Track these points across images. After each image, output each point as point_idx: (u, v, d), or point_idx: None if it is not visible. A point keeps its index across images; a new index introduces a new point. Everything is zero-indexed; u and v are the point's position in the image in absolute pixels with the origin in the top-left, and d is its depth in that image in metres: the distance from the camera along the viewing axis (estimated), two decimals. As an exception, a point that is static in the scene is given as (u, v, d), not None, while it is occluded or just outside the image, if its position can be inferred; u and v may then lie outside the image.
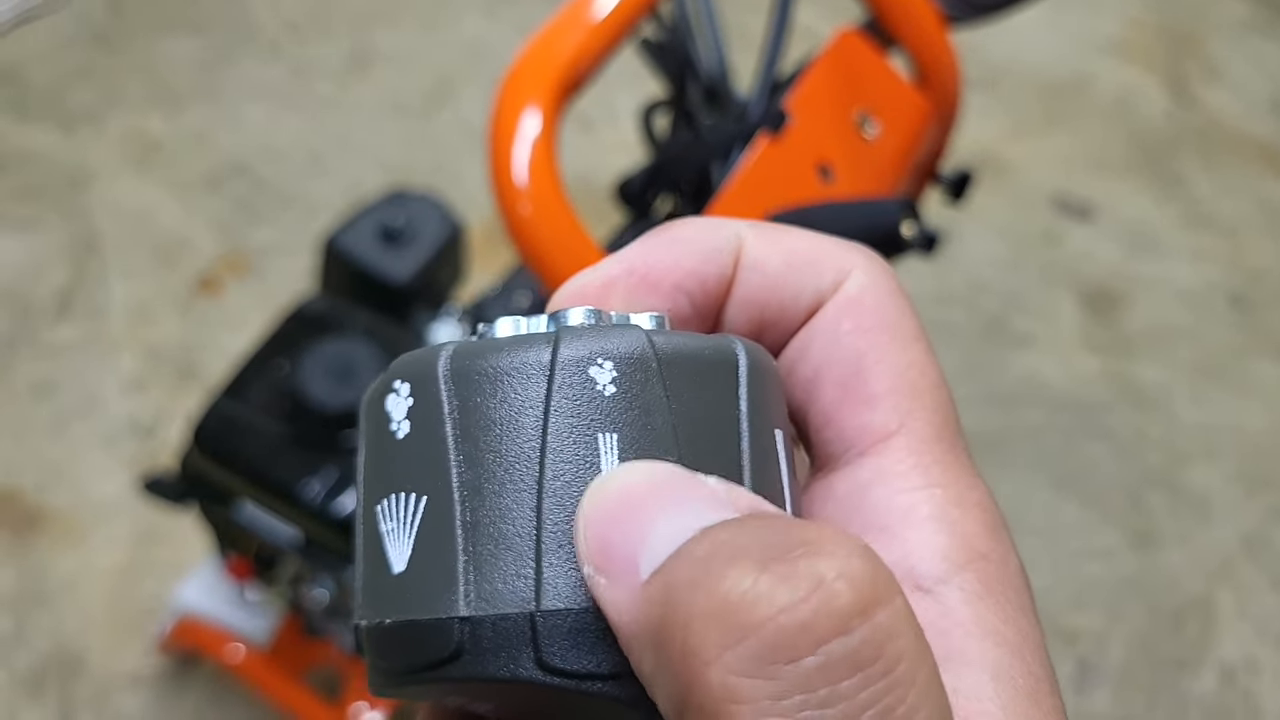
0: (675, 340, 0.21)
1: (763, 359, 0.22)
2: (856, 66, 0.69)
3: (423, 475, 0.21)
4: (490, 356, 0.20)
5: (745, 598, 0.16)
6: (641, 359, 0.20)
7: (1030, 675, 0.20)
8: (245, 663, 1.09)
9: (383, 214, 1.05)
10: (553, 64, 0.52)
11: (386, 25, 2.02)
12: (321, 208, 1.67)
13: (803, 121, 0.63)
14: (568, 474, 0.20)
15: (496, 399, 0.20)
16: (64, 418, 1.43)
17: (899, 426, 0.23)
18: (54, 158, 1.71)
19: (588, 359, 0.20)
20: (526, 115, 0.51)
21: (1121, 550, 1.55)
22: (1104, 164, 1.99)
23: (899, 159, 0.69)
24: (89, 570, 1.31)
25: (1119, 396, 1.71)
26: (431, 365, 0.21)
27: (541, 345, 0.20)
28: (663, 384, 0.20)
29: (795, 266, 0.23)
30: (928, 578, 0.21)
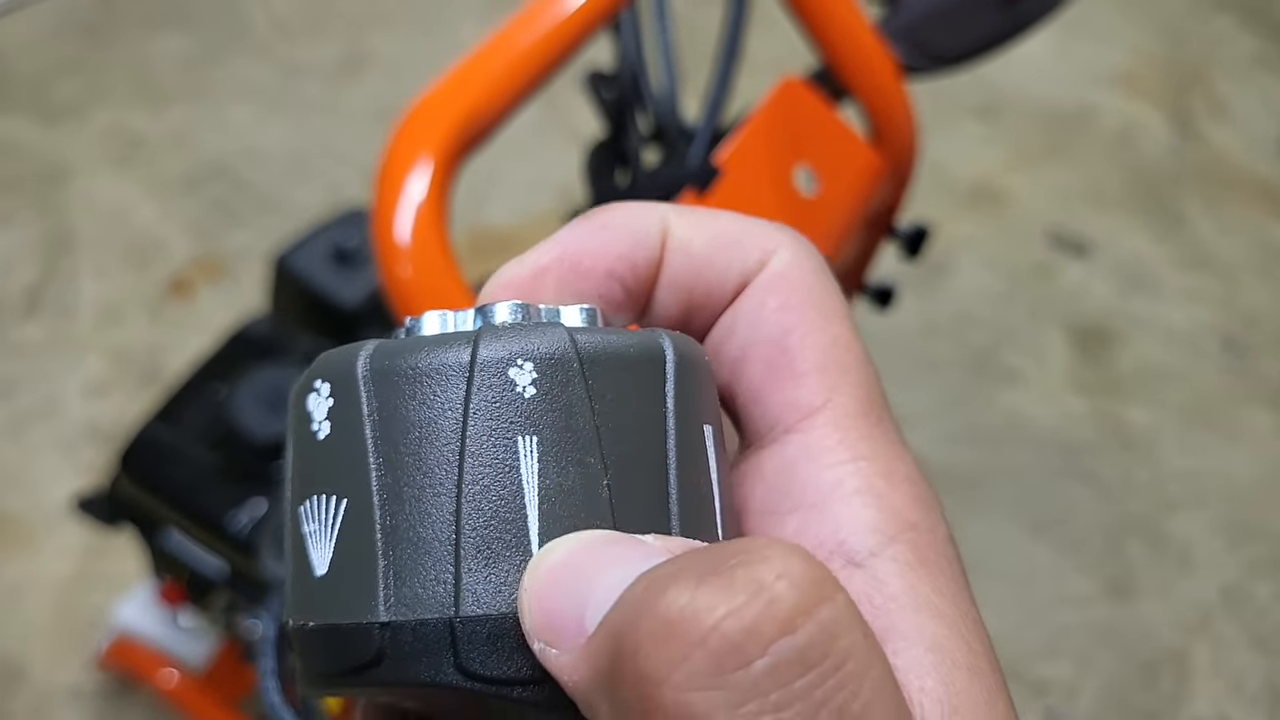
0: (600, 338, 0.21)
1: (691, 352, 0.22)
2: (800, 118, 0.65)
3: (343, 477, 0.20)
4: (410, 357, 0.20)
5: (685, 613, 0.16)
6: (562, 359, 0.20)
7: (968, 650, 0.20)
8: (178, 688, 1.07)
9: (336, 233, 1.03)
10: (449, 114, 0.49)
11: (381, 29, 2.00)
12: (301, 214, 1.64)
13: (735, 177, 0.60)
14: (486, 478, 0.19)
15: (416, 401, 0.20)
16: (23, 419, 1.41)
17: (824, 402, 0.23)
18: (32, 150, 1.69)
19: (507, 360, 0.20)
20: (416, 170, 0.48)
21: (1097, 598, 1.51)
22: (1103, 198, 1.95)
23: (842, 217, 0.65)
24: (37, 578, 1.29)
25: (1105, 438, 1.67)
26: (351, 365, 0.20)
27: (461, 345, 0.20)
28: (585, 384, 0.20)
29: (720, 247, 0.23)
30: (859, 551, 0.21)
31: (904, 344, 1.71)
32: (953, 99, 1.91)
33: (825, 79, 0.69)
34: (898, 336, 1.71)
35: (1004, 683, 0.20)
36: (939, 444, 1.61)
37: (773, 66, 0.80)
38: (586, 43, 0.59)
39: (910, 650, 0.20)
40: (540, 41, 0.53)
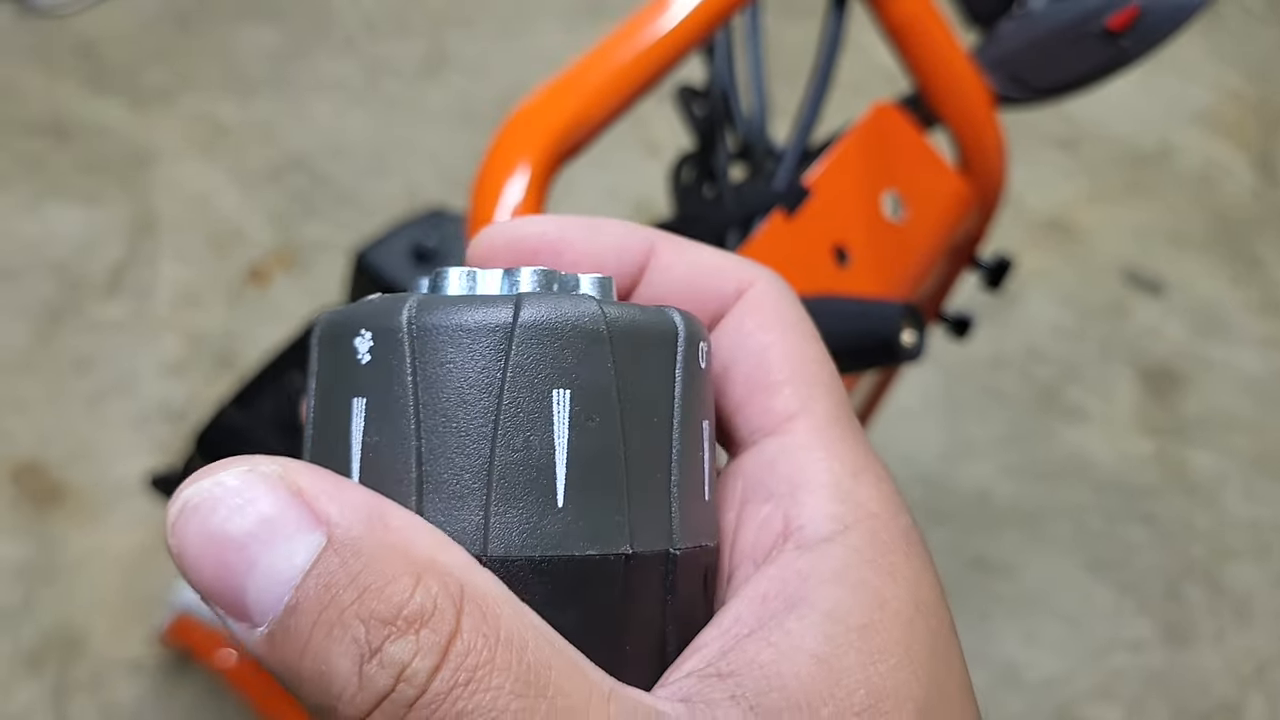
0: (624, 312, 0.22)
1: (697, 332, 0.24)
2: (891, 143, 0.65)
3: (388, 413, 0.22)
4: (456, 313, 0.21)
5: (353, 702, 0.19)
6: (596, 330, 0.22)
7: (874, 611, 0.22)
8: (235, 669, 1.08)
9: (416, 232, 1.04)
10: (548, 123, 0.50)
11: (464, 29, 2.02)
12: (378, 208, 1.67)
13: (823, 200, 0.60)
14: (522, 426, 0.21)
15: (460, 352, 0.21)
16: (100, 394, 1.45)
17: (800, 408, 0.25)
18: (121, 134, 1.73)
19: (546, 324, 0.21)
20: (514, 177, 0.49)
21: (1152, 643, 1.49)
22: (1181, 238, 1.92)
23: (927, 245, 0.65)
24: (103, 551, 1.32)
25: (1168, 482, 1.64)
26: (395, 316, 0.22)
27: (504, 306, 0.21)
28: (611, 352, 0.22)
29: (702, 273, 0.26)
30: (812, 538, 0.23)
31: (971, 375, 1.69)
32: (1033, 129, 1.89)
33: (917, 105, 0.69)
34: (965, 367, 1.69)
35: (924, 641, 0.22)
36: (1001, 477, 1.60)
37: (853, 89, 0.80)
38: (682, 61, 0.59)
39: (810, 615, 0.22)
40: (638, 58, 0.53)
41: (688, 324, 0.23)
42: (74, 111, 1.74)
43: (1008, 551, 1.54)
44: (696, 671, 0.22)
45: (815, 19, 0.71)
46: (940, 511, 1.56)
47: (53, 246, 1.58)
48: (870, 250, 0.61)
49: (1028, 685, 1.43)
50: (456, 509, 0.21)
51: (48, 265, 1.55)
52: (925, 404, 1.64)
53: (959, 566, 1.51)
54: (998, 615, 1.48)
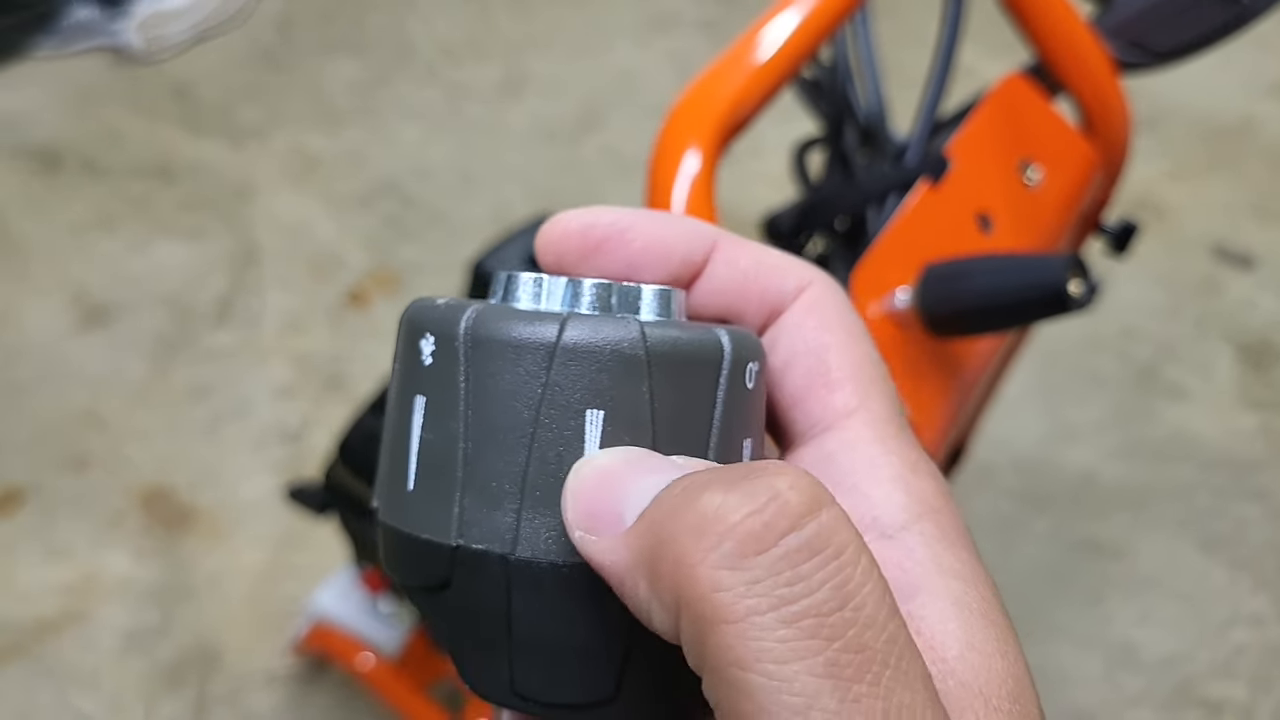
0: (667, 334, 0.23)
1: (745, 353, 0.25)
2: (1021, 112, 0.67)
3: (440, 414, 0.24)
4: (505, 327, 0.23)
5: (719, 511, 0.19)
6: (632, 355, 0.23)
7: (983, 600, 0.23)
8: (374, 672, 1.12)
9: (529, 239, 1.07)
10: (716, 105, 0.52)
11: (539, 51, 2.06)
12: (468, 228, 1.71)
13: (964, 168, 0.62)
14: (555, 441, 0.23)
15: (506, 364, 0.23)
16: (217, 420, 1.50)
17: (859, 405, 0.26)
18: (221, 170, 1.79)
19: (585, 347, 0.23)
20: (688, 155, 0.51)
21: (1272, 618, 1.47)
22: (1268, 211, 1.90)
23: (1062, 209, 0.67)
24: (232, 569, 1.37)
25: (1277, 455, 1.62)
26: (454, 326, 0.23)
27: (550, 325, 0.23)
28: (649, 378, 0.23)
29: (763, 270, 0.27)
30: (890, 526, 0.24)
31: (1067, 358, 1.69)
32: (1112, 111, 1.88)
33: (1041, 75, 0.71)
34: (1061, 351, 1.69)
35: (1010, 625, 0.23)
36: (1105, 459, 1.59)
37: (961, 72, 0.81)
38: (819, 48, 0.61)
39: (935, 603, 0.23)
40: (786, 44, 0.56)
41: (735, 346, 0.24)
42: (175, 152, 1.81)
43: (1117, 533, 1.53)
44: None
45: (891, 18, 0.73)
46: (1045, 496, 1.55)
47: (163, 281, 1.63)
48: (1011, 216, 0.63)
49: (1146, 665, 1.42)
50: (492, 510, 0.23)
51: (159, 299, 1.61)
52: (1022, 390, 1.64)
53: (1068, 550, 1.51)
54: (1112, 597, 1.47)
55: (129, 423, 1.48)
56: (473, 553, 0.23)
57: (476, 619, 0.23)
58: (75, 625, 1.31)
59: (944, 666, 0.22)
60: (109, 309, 1.60)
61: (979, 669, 0.22)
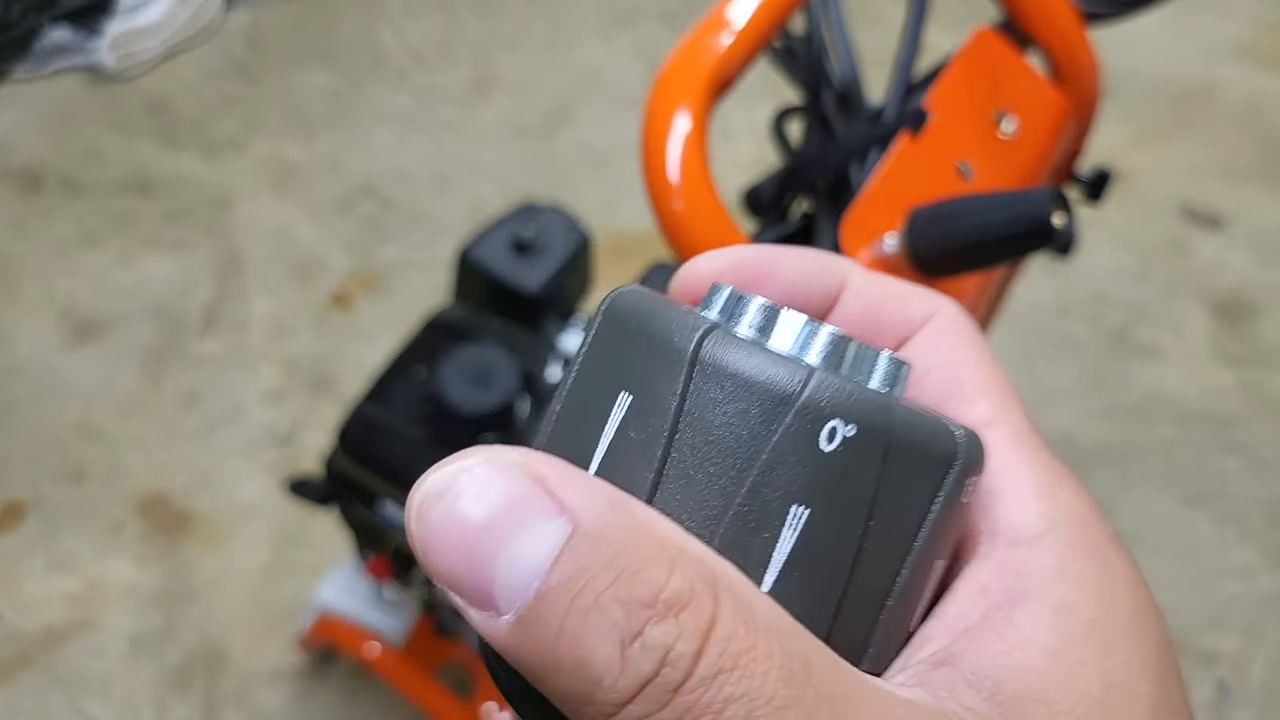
0: (913, 421, 0.21)
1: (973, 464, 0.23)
2: (994, 65, 0.69)
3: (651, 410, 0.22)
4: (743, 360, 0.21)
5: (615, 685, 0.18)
6: (876, 440, 0.21)
7: (1103, 607, 0.22)
8: (381, 659, 1.13)
9: (514, 226, 1.09)
10: (701, 66, 0.54)
11: (507, 51, 2.08)
12: (447, 226, 1.73)
13: (941, 120, 0.64)
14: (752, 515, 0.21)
15: (732, 400, 0.21)
16: (210, 426, 1.51)
17: (997, 417, 0.26)
18: (200, 182, 1.80)
19: (828, 414, 0.20)
20: (678, 115, 0.53)
21: (1261, 569, 1.50)
22: (1234, 171, 1.94)
23: (1038, 157, 0.69)
24: (233, 570, 1.37)
25: (1254, 410, 1.65)
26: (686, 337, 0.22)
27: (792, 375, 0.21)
28: (881, 469, 0.21)
29: (893, 297, 0.27)
30: (1025, 533, 0.23)
31: (1041, 324, 1.72)
32: (1075, 82, 1.91)
33: (1010, 29, 0.73)
34: (1035, 317, 1.72)
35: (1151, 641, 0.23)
36: (1084, 421, 1.62)
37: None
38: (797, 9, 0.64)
39: (1035, 610, 0.22)
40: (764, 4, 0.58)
41: (968, 450, 0.22)
42: (154, 167, 1.81)
43: (1102, 492, 1.55)
44: (927, 660, 0.22)
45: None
46: (1031, 459, 1.58)
47: (149, 293, 1.64)
48: (990, 164, 0.65)
49: (1139, 618, 1.45)
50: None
51: (147, 311, 1.62)
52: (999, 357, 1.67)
53: (1056, 511, 1.54)
54: (1101, 554, 1.50)
55: (124, 432, 1.49)
56: None
57: None
58: (82, 633, 1.31)
59: (1011, 675, 0.21)
60: (98, 323, 1.60)
61: (1052, 676, 0.21)
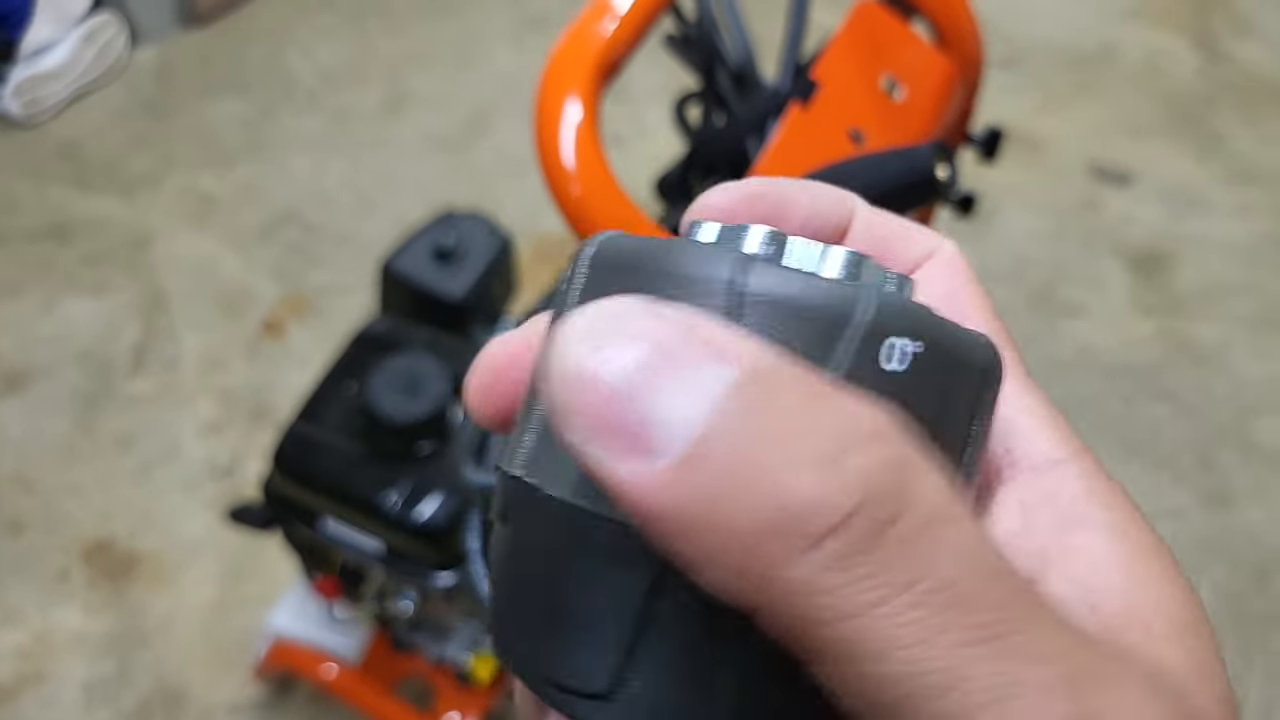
0: (956, 330, 0.20)
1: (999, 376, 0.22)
2: (878, 34, 0.71)
3: None
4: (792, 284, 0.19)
5: (813, 507, 0.16)
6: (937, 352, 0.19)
7: (1143, 533, 0.22)
8: (339, 680, 1.13)
9: (434, 235, 1.09)
10: (588, 52, 0.55)
11: (419, 67, 2.08)
12: (373, 245, 1.72)
13: (831, 89, 0.66)
14: None
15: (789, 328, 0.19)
16: (147, 466, 1.49)
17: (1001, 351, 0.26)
18: (117, 222, 1.78)
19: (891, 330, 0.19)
20: (568, 103, 0.54)
21: (1195, 510, 1.54)
22: (1138, 129, 1.99)
23: (928, 119, 0.71)
24: (183, 609, 1.36)
25: (1177, 357, 1.70)
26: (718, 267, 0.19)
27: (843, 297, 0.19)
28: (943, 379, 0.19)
29: (896, 234, 0.27)
30: (1045, 459, 0.23)
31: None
32: (979, 53, 1.96)
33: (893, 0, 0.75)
34: (960, 284, 1.75)
35: (1178, 566, 0.22)
36: (1016, 381, 1.65)
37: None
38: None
39: (1093, 535, 0.21)
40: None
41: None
42: (69, 211, 1.79)
43: (1038, 450, 1.59)
44: None
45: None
46: (967, 424, 1.61)
47: (75, 339, 1.62)
48: (881, 128, 0.67)
49: (1084, 568, 1.48)
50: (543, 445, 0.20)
51: (73, 357, 1.60)
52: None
53: (996, 472, 1.57)
54: (1042, 509, 1.53)
55: (60, 481, 1.47)
56: (523, 484, 0.20)
57: (496, 563, 0.20)
58: (34, 687, 1.29)
59: (1101, 597, 0.20)
60: (24, 373, 1.58)
61: (1138, 600, 0.20)
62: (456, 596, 1.00)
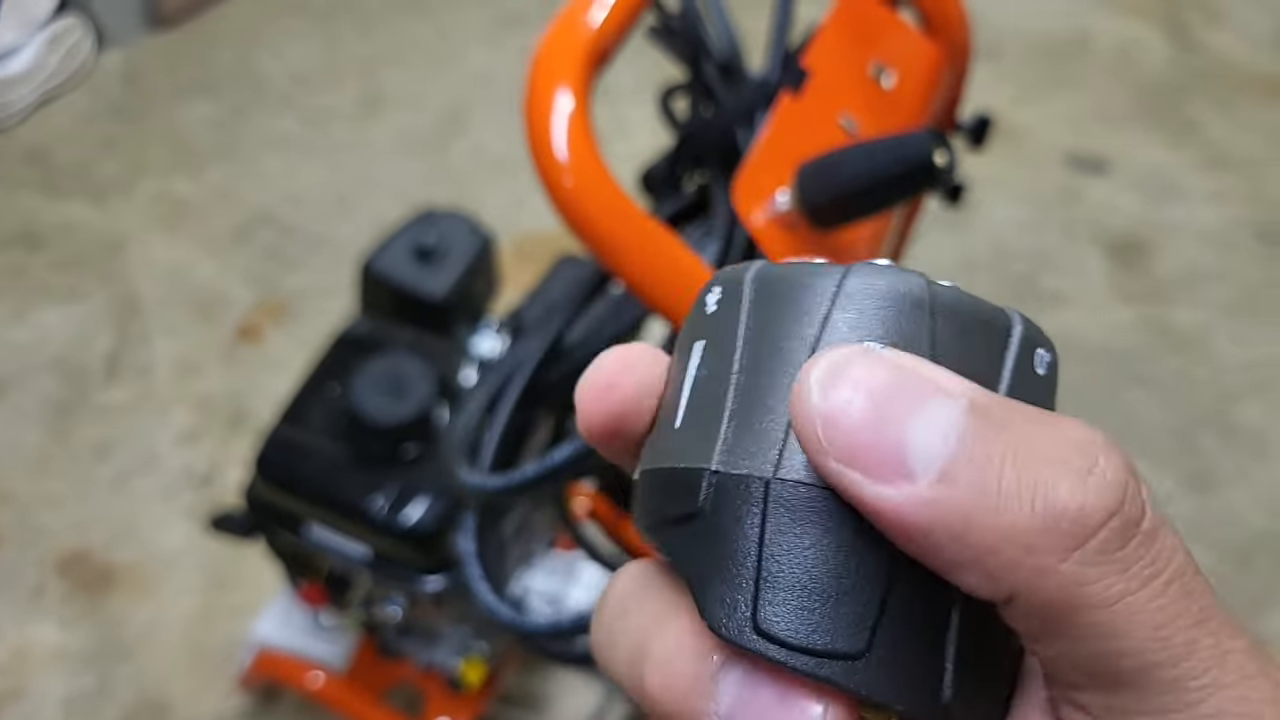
0: (953, 293, 0.23)
1: (1036, 339, 0.24)
2: (866, 21, 0.70)
3: (716, 350, 0.23)
4: (793, 272, 0.23)
5: (1079, 515, 0.20)
6: (919, 297, 0.22)
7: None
8: (326, 688, 1.11)
9: (415, 233, 1.08)
10: (578, 41, 0.54)
11: (394, 66, 2.06)
12: (350, 247, 1.70)
13: (821, 77, 0.65)
14: None
15: (789, 304, 0.23)
16: (124, 475, 1.46)
17: None
18: (88, 228, 1.75)
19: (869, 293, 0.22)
20: (559, 93, 0.53)
21: (1179, 494, 1.55)
22: (1113, 117, 2.00)
23: (918, 106, 0.70)
24: (164, 620, 1.34)
25: (1157, 343, 1.71)
26: (742, 271, 0.24)
27: (835, 274, 0.23)
28: (931, 320, 0.22)
29: None
30: None
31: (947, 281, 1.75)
32: (954, 44, 1.96)
33: (879, -13, 0.74)
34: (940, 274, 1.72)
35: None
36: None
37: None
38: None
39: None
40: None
41: (1026, 324, 0.24)
42: (39, 217, 1.76)
43: (1023, 439, 1.59)
44: None
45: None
46: (951, 415, 1.61)
47: (47, 347, 1.59)
48: (872, 116, 0.66)
49: (1071, 557, 1.48)
50: (758, 440, 0.22)
51: (46, 365, 1.57)
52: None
53: (981, 462, 1.57)
54: (1028, 499, 1.53)
55: (35, 492, 1.44)
56: (733, 477, 0.22)
57: (726, 549, 0.22)
58: (12, 703, 1.27)
59: None
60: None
61: None
62: (445, 601, 0.99)
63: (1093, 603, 0.20)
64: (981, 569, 0.20)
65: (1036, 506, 0.19)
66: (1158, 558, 0.20)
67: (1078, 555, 0.19)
